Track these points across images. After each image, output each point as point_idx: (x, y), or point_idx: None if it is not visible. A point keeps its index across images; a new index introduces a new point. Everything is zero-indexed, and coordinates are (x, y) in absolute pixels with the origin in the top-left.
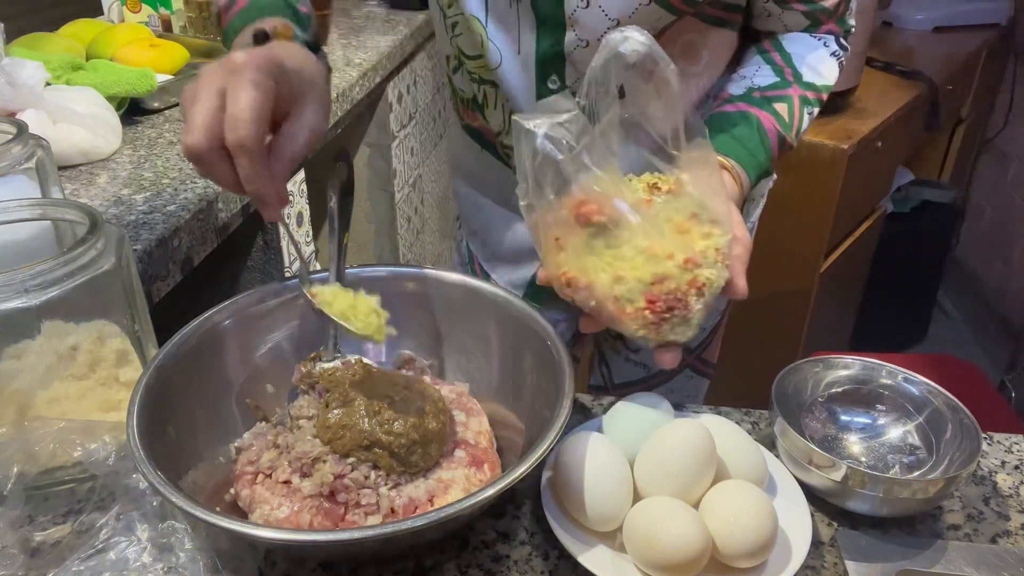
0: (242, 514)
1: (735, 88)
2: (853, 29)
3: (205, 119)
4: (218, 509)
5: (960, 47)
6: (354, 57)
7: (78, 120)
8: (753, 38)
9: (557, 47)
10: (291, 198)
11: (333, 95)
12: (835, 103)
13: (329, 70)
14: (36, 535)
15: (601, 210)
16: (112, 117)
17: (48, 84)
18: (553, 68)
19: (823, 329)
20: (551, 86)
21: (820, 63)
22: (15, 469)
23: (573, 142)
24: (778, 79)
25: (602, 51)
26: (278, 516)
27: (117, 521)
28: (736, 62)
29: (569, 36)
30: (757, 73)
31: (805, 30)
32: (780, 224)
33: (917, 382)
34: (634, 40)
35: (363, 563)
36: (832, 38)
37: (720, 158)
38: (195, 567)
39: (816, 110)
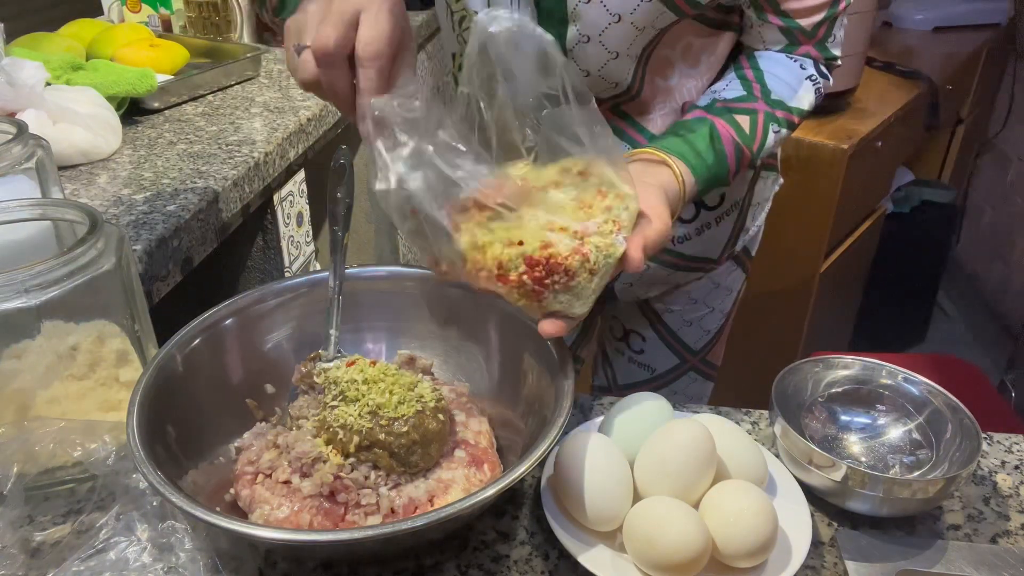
0: (242, 514)
1: (701, 100)
2: (838, 62)
3: (342, 27)
4: (218, 509)
5: (960, 47)
6: None
7: (78, 120)
8: (735, 56)
9: (559, 42)
10: (291, 197)
11: None
12: (835, 103)
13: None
14: (36, 535)
15: (497, 194)
16: (112, 117)
17: (48, 84)
18: None
19: (823, 329)
20: None
21: (794, 83)
22: (15, 469)
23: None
24: (744, 93)
25: (474, 36)
26: (278, 516)
27: (117, 521)
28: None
29: (571, 31)
30: (726, 88)
31: (783, 49)
32: (780, 224)
33: (917, 382)
34: (502, 18)
35: (363, 563)
36: (811, 63)
37: (662, 154)
38: (195, 567)
39: (784, 131)
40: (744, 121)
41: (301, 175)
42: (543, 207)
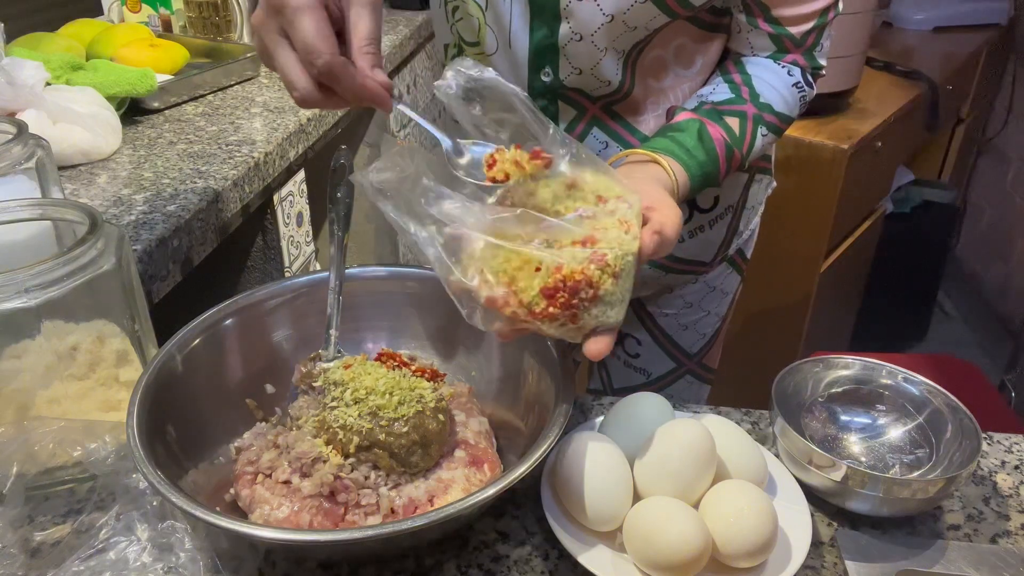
0: (242, 514)
1: (688, 104)
2: (823, 71)
3: (293, 70)
4: (218, 509)
5: (960, 47)
6: None
7: (78, 120)
8: (721, 62)
9: (551, 38)
10: (291, 197)
11: None
12: (835, 103)
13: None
14: (36, 535)
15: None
16: (112, 117)
17: (48, 84)
18: (547, 60)
19: (823, 329)
20: (544, 78)
21: (781, 89)
22: (15, 469)
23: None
24: (733, 96)
25: (449, 107)
26: (278, 516)
27: (117, 521)
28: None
29: (563, 28)
30: (713, 92)
31: (771, 56)
32: (780, 224)
33: (917, 382)
34: (452, 77)
35: (363, 563)
36: (798, 70)
37: (651, 153)
38: (195, 567)
39: (771, 135)
40: (734, 123)
41: (301, 175)
42: (544, 231)
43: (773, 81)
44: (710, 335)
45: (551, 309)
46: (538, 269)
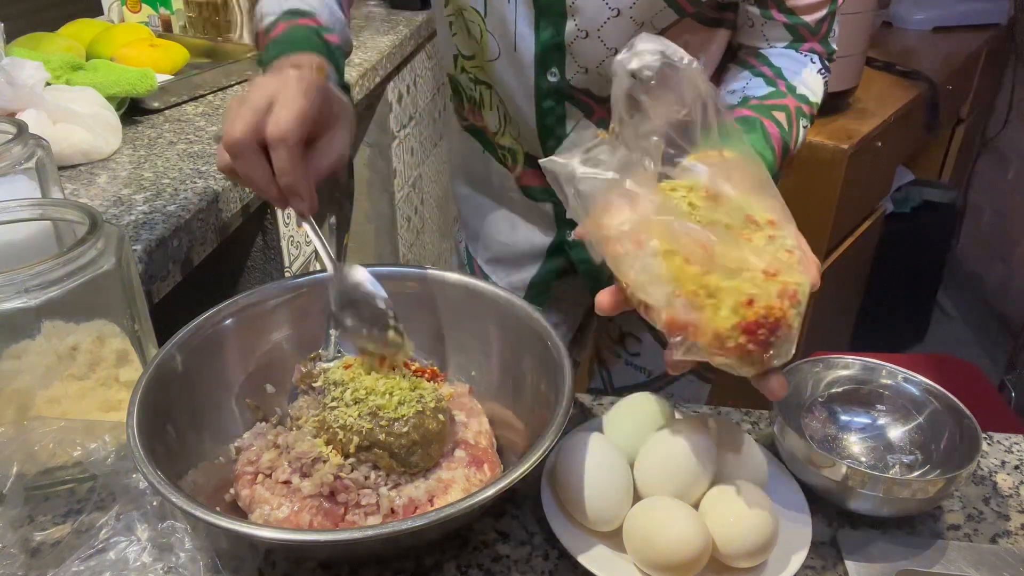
0: (242, 514)
1: (730, 100)
2: (835, 55)
3: (250, 116)
4: (218, 509)
5: (960, 47)
6: (354, 57)
7: (78, 120)
8: (732, 56)
9: (557, 37)
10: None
11: None
12: (835, 103)
13: (354, 106)
14: (36, 535)
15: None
16: (112, 117)
17: (48, 84)
18: (553, 60)
19: (823, 329)
20: (551, 79)
21: (809, 78)
22: (15, 469)
23: (611, 169)
24: (772, 89)
25: (617, 80)
26: (278, 516)
27: (117, 521)
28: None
29: (569, 25)
30: (748, 86)
31: (788, 46)
32: None
33: (917, 382)
34: (644, 53)
35: (363, 563)
36: (818, 57)
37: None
38: (195, 567)
39: (809, 125)
40: (782, 118)
41: None
42: (726, 247)
43: (802, 72)
44: None
45: (750, 346)
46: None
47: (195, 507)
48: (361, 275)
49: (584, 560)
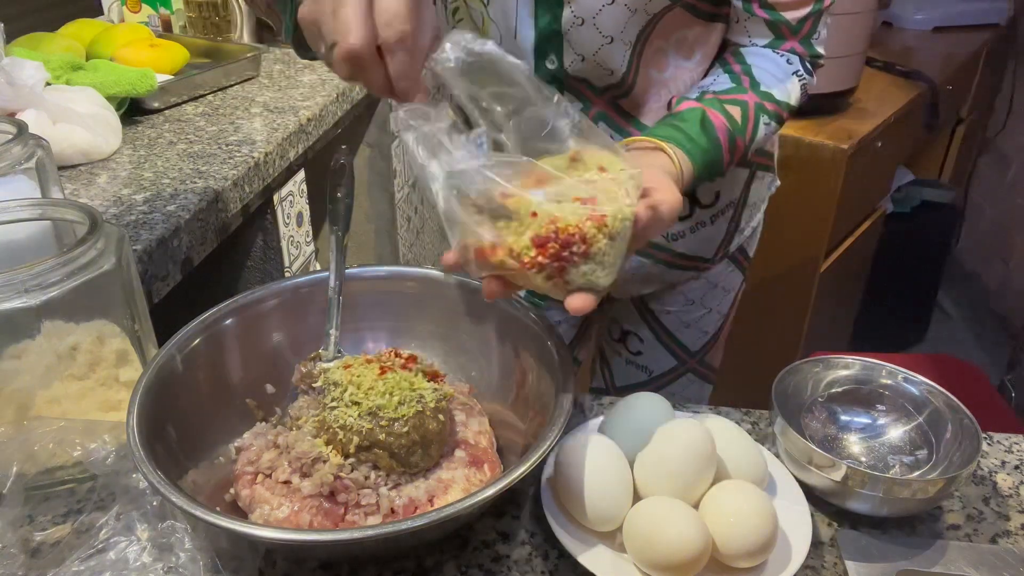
0: (242, 514)
1: (690, 94)
2: (823, 61)
3: (360, 18)
4: (218, 509)
5: (960, 47)
6: None
7: (78, 120)
8: (720, 54)
9: (555, 24)
10: (291, 197)
11: (333, 95)
12: (835, 103)
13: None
14: (36, 535)
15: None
16: (112, 117)
17: (48, 84)
18: (551, 47)
19: (823, 329)
20: (549, 66)
21: (781, 77)
22: (15, 469)
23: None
24: (733, 85)
25: (447, 82)
26: (278, 516)
27: (117, 521)
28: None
29: (566, 13)
30: (714, 82)
31: (768, 45)
32: (780, 224)
33: (917, 382)
34: (451, 49)
35: (363, 563)
36: (797, 59)
37: (655, 140)
38: (195, 567)
39: (774, 124)
40: (735, 112)
41: (301, 175)
42: (546, 183)
43: (773, 70)
44: (712, 333)
45: (539, 259)
46: (534, 215)
47: (195, 507)
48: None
49: (584, 560)
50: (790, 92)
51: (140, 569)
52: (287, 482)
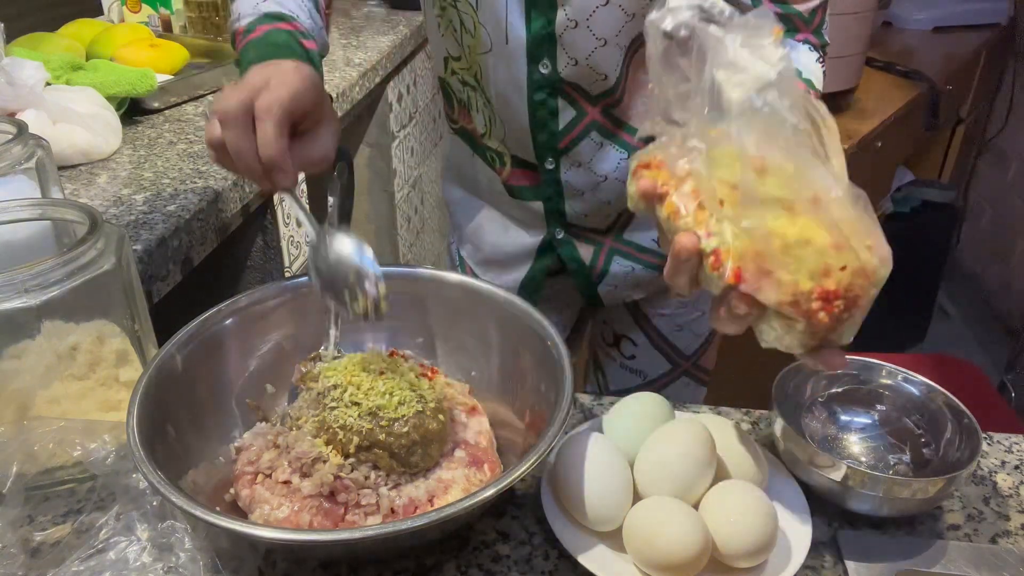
0: (242, 514)
1: None
2: (828, 49)
3: (245, 91)
4: (218, 509)
5: (960, 47)
6: (354, 57)
7: (78, 120)
8: None
9: (548, 28)
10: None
11: (333, 95)
12: (835, 103)
13: (351, 109)
14: (36, 535)
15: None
16: (112, 117)
17: (48, 84)
18: (544, 51)
19: None
20: (543, 70)
21: (809, 64)
22: (15, 469)
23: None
24: None
25: (651, 41)
26: (278, 516)
27: (117, 521)
28: None
29: (560, 15)
30: None
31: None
32: None
33: (917, 382)
34: (678, 10)
35: (363, 563)
36: (812, 47)
37: None
38: (195, 567)
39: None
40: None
41: (301, 175)
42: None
43: (803, 59)
44: (706, 336)
45: (821, 314)
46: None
47: (195, 507)
48: (348, 246)
49: (584, 560)
50: (820, 80)
51: (140, 569)
52: (287, 482)
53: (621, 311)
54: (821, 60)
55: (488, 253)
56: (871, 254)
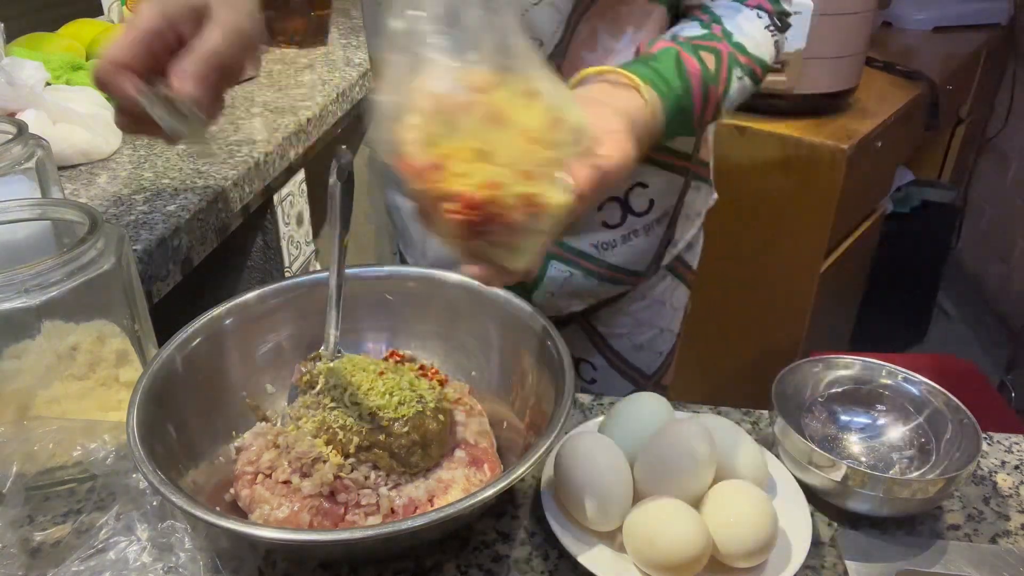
0: (242, 514)
1: (660, 38)
2: (791, 20)
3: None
4: (218, 509)
5: (960, 47)
6: (354, 57)
7: (78, 120)
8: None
9: None
10: (291, 197)
11: (333, 95)
12: (835, 103)
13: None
14: (36, 535)
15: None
16: (112, 117)
17: (48, 84)
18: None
19: (823, 329)
20: None
21: (751, 29)
22: (15, 469)
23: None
24: (705, 31)
25: None
26: (278, 516)
27: (117, 521)
28: None
29: None
30: (683, 29)
31: (736, 1)
32: (780, 224)
33: (917, 382)
34: None
35: (363, 563)
36: (764, 13)
37: (632, 77)
38: (195, 567)
39: (747, 81)
40: (709, 59)
41: (301, 175)
42: (492, 125)
43: (743, 23)
44: (666, 353)
45: (456, 216)
46: (476, 154)
47: (195, 507)
48: None
49: (584, 560)
50: (762, 47)
51: (140, 569)
52: (287, 482)
53: (578, 333)
54: (771, 28)
55: (432, 259)
56: (548, 189)
